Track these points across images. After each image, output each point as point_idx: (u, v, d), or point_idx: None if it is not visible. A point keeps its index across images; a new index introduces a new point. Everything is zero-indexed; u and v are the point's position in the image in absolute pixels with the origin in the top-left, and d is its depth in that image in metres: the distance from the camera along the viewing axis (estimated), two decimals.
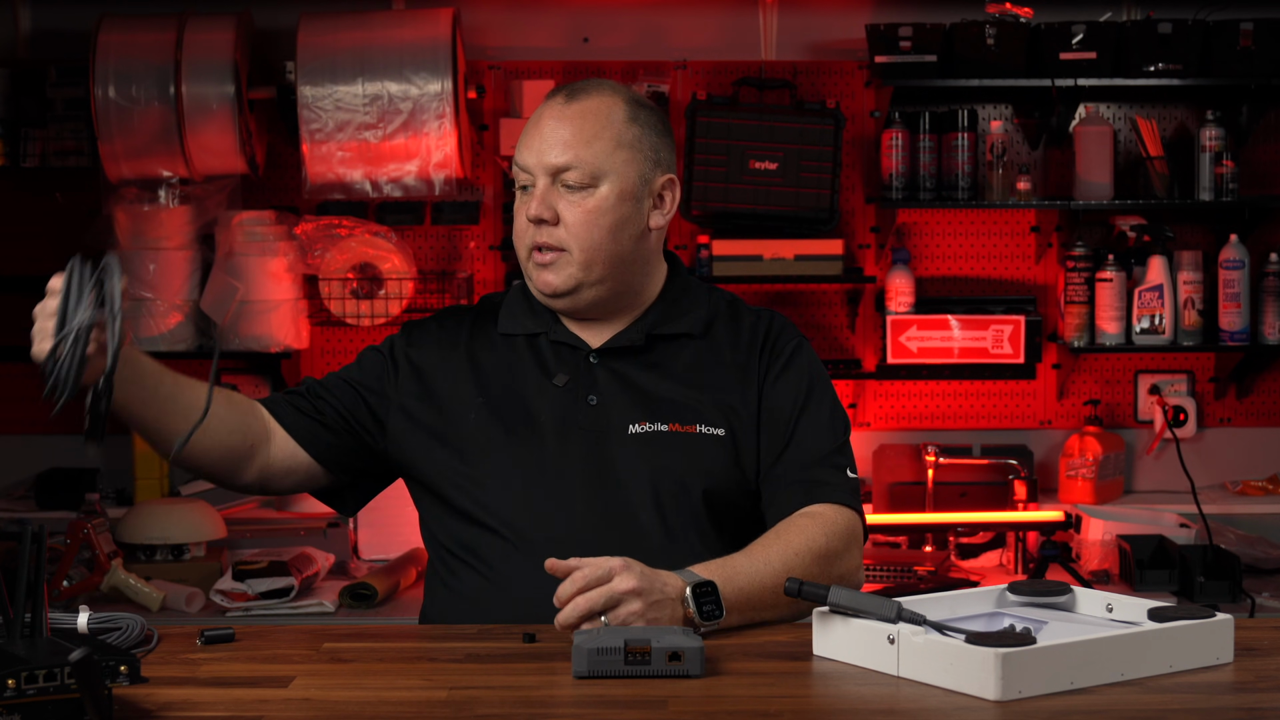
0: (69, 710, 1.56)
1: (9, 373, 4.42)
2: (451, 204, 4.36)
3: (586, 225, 2.19)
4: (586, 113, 2.21)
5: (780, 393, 2.24)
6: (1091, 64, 4.14)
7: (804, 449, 2.22)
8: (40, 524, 1.72)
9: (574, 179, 2.18)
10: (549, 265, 2.20)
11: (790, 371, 2.26)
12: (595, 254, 2.19)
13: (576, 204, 2.19)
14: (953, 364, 4.26)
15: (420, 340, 2.34)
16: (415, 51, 4.04)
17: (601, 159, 2.19)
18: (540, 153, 2.20)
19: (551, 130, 2.20)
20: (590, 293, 2.22)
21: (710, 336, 2.28)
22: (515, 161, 2.23)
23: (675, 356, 2.25)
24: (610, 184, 2.20)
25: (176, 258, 4.19)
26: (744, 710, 1.66)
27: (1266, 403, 4.48)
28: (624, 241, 2.22)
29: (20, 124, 4.28)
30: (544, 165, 2.19)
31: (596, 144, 2.19)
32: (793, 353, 2.27)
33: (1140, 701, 1.66)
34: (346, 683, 1.79)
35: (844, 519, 2.18)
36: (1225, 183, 4.19)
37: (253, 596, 3.60)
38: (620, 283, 2.24)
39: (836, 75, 4.39)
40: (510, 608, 2.11)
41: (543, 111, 2.24)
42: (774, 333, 2.29)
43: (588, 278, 2.20)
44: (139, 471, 4.23)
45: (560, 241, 2.19)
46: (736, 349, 2.27)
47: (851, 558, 2.18)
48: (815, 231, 4.20)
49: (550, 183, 2.19)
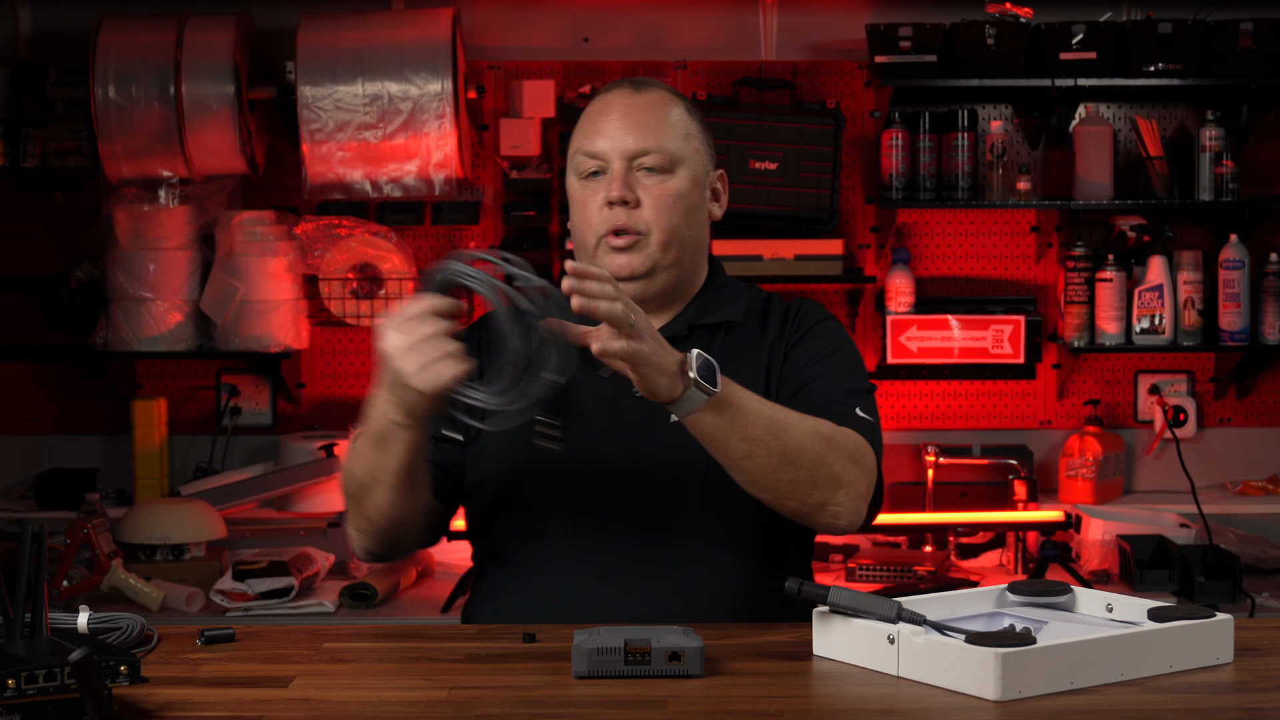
0: (69, 710, 1.56)
1: (9, 373, 4.42)
2: (451, 204, 4.35)
3: (667, 208, 2.21)
4: (657, 103, 2.24)
5: (801, 349, 2.26)
6: (1091, 64, 4.14)
7: (819, 388, 2.20)
8: (40, 524, 1.72)
9: (653, 162, 2.21)
10: (627, 248, 2.20)
11: (812, 334, 2.28)
12: (673, 237, 2.22)
13: (655, 187, 2.21)
14: (953, 364, 4.26)
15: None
16: (415, 51, 4.04)
17: (677, 145, 2.23)
18: (616, 138, 2.21)
19: (626, 116, 2.22)
20: (662, 277, 2.23)
21: (747, 325, 2.30)
22: (582, 150, 2.23)
23: (713, 344, 2.26)
24: (685, 170, 2.23)
25: (176, 258, 4.19)
26: (744, 710, 1.66)
27: (1266, 403, 4.48)
28: (695, 228, 2.26)
29: (20, 124, 4.29)
30: (622, 150, 2.21)
31: (673, 131, 2.23)
32: (816, 322, 2.30)
33: (1140, 701, 1.66)
34: (346, 683, 1.79)
35: (854, 437, 2.11)
36: (1225, 183, 4.19)
37: (253, 596, 3.60)
38: (684, 270, 2.26)
39: (836, 75, 4.39)
40: (565, 594, 2.12)
41: (609, 100, 2.25)
42: (803, 310, 2.32)
43: (663, 261, 2.22)
44: (139, 471, 4.24)
45: (640, 224, 2.20)
46: (767, 333, 2.29)
47: (856, 466, 2.08)
48: (815, 231, 4.20)
49: (627, 167, 2.21)
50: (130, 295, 4.16)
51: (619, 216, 2.20)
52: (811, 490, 2.05)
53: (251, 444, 4.43)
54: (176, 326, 4.20)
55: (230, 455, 4.40)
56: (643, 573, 2.13)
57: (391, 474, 2.04)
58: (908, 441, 4.36)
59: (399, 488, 2.06)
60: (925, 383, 4.44)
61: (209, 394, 4.42)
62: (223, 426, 4.38)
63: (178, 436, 4.39)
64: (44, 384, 4.42)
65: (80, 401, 4.42)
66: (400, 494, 2.07)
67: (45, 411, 4.43)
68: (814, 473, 2.04)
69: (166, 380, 4.42)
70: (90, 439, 4.41)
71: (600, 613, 2.07)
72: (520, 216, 4.30)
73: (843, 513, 2.08)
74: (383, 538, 2.15)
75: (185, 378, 4.42)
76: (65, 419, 4.43)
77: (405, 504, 2.10)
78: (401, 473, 2.04)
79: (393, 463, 2.03)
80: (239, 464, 4.38)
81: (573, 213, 2.27)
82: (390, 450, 2.02)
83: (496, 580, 2.23)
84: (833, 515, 2.08)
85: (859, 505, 2.10)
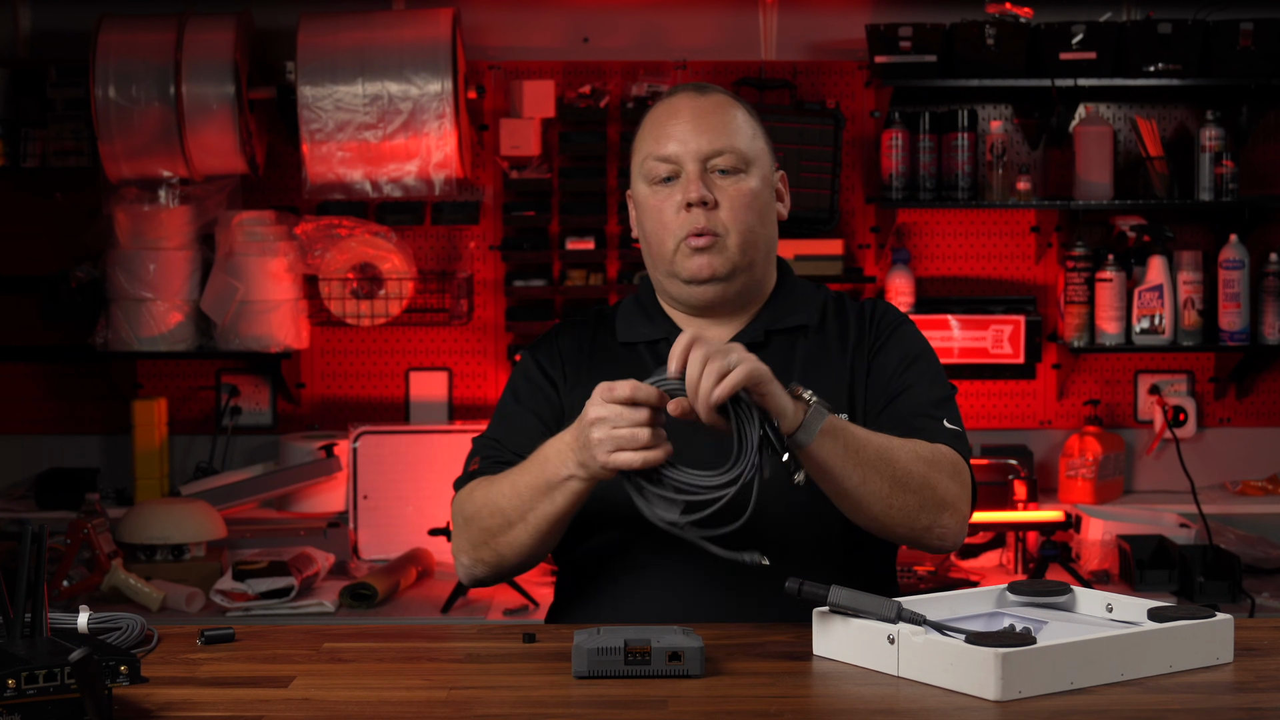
0: (69, 710, 1.56)
1: (9, 373, 4.42)
2: (451, 204, 4.35)
3: (745, 208, 2.20)
4: (724, 105, 2.24)
5: (886, 357, 2.25)
6: (1091, 64, 4.14)
7: (906, 399, 2.20)
8: (40, 524, 1.72)
9: (727, 164, 2.20)
10: (708, 249, 2.19)
11: (894, 340, 2.27)
12: (751, 237, 2.21)
13: (731, 188, 2.20)
14: (953, 364, 4.26)
15: (550, 356, 2.30)
16: (415, 51, 4.05)
17: (748, 145, 2.22)
18: (688, 140, 2.20)
19: (696, 119, 2.21)
20: (740, 279, 2.22)
21: (824, 328, 2.29)
22: (654, 155, 2.21)
23: (792, 349, 2.26)
24: (756, 170, 2.23)
25: (176, 258, 4.19)
26: (744, 710, 1.66)
27: (1266, 403, 4.48)
28: (769, 227, 2.26)
29: (20, 124, 4.29)
30: (695, 152, 2.19)
31: (743, 132, 2.23)
32: (897, 325, 2.29)
33: (1140, 701, 1.66)
34: (346, 683, 1.79)
35: (950, 453, 2.13)
36: (1225, 183, 4.19)
37: (253, 596, 3.60)
38: (759, 272, 2.26)
39: (836, 75, 4.39)
40: (647, 604, 2.12)
41: (676, 105, 2.24)
42: (879, 312, 2.31)
43: (742, 262, 2.21)
44: (139, 471, 4.24)
45: (718, 225, 2.19)
46: (845, 336, 2.28)
47: (957, 485, 2.10)
48: (815, 231, 4.20)
49: (702, 169, 2.20)
50: (130, 295, 4.16)
51: (698, 218, 2.18)
52: (920, 513, 2.06)
53: (251, 444, 4.43)
54: (176, 326, 4.20)
55: (230, 455, 4.40)
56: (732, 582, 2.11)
57: (548, 519, 2.04)
58: None
59: (547, 532, 2.06)
60: None
61: (209, 394, 4.42)
62: (223, 426, 4.38)
63: (178, 436, 4.39)
64: (44, 384, 4.42)
65: (80, 401, 4.42)
66: (546, 537, 2.07)
67: (45, 411, 4.43)
68: (922, 496, 2.05)
69: (166, 380, 4.42)
70: (90, 439, 4.41)
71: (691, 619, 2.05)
72: (520, 216, 4.30)
73: (949, 533, 2.10)
74: (505, 571, 2.14)
75: (185, 378, 4.42)
76: (65, 419, 4.43)
77: (545, 547, 2.10)
78: (557, 520, 2.04)
79: (554, 510, 2.02)
80: (239, 464, 4.38)
81: (644, 220, 2.24)
82: (555, 498, 2.01)
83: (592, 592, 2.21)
84: (939, 537, 2.10)
85: (962, 524, 2.12)
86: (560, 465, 1.99)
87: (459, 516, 2.15)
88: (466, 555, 2.14)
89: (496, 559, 2.12)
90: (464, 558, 2.15)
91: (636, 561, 2.16)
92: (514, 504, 2.06)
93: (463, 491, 2.17)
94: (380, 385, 4.42)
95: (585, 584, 2.23)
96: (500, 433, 2.25)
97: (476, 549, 2.12)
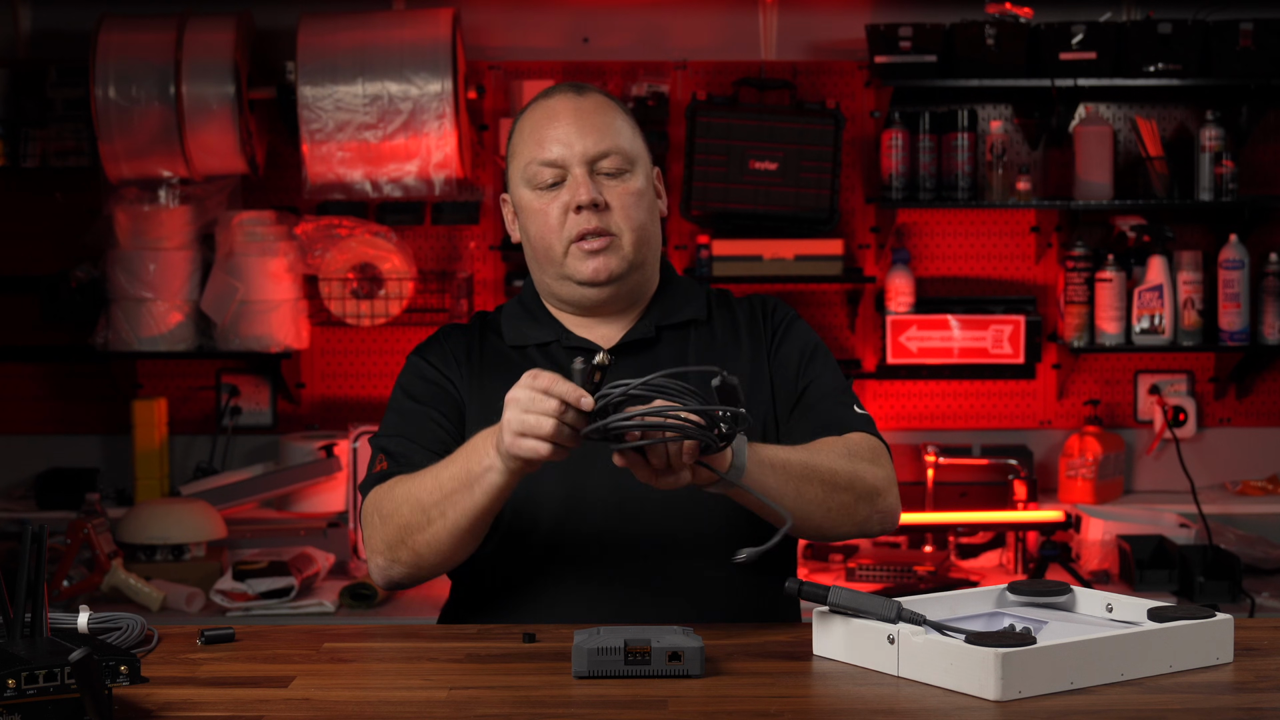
0: (69, 710, 1.56)
1: (9, 373, 4.42)
2: (451, 204, 4.35)
3: (634, 208, 2.19)
4: (603, 105, 2.23)
5: (785, 352, 2.26)
6: (1091, 64, 4.14)
7: (813, 391, 2.22)
8: (40, 524, 1.72)
9: (613, 165, 2.19)
10: (601, 251, 2.18)
11: (790, 335, 2.28)
12: (642, 235, 2.21)
13: (618, 188, 2.19)
14: (953, 364, 4.26)
15: (442, 357, 2.27)
16: (415, 51, 4.05)
17: (631, 144, 2.22)
18: (572, 143, 2.18)
19: (578, 120, 2.20)
20: (634, 278, 2.22)
21: (711, 322, 2.29)
22: (536, 160, 2.20)
23: (685, 343, 2.26)
24: (641, 168, 2.23)
25: (176, 258, 4.19)
26: (744, 710, 1.66)
27: (1266, 403, 4.48)
28: (657, 225, 2.26)
29: (20, 124, 4.29)
30: (580, 154, 2.18)
31: (624, 131, 2.22)
32: (790, 321, 2.30)
33: (1140, 701, 1.66)
34: (346, 683, 1.79)
35: (865, 439, 2.16)
36: (1225, 183, 4.19)
37: (253, 596, 3.60)
38: (649, 269, 2.26)
39: (836, 75, 4.39)
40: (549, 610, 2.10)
41: (555, 107, 2.22)
42: (769, 308, 2.32)
43: (636, 260, 2.21)
44: (139, 471, 4.24)
45: (610, 226, 2.18)
46: (737, 329, 2.29)
47: (881, 468, 2.13)
48: (815, 231, 4.20)
49: (588, 171, 2.19)
50: (130, 295, 4.16)
51: (589, 220, 2.17)
52: (857, 507, 2.08)
53: (251, 444, 4.43)
54: (176, 326, 4.20)
55: (230, 455, 4.40)
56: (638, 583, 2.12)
57: (467, 516, 2.00)
58: (908, 441, 4.36)
59: (466, 530, 2.02)
60: (925, 383, 4.44)
61: (209, 394, 4.42)
62: (223, 426, 4.38)
63: (178, 436, 4.39)
64: (44, 384, 4.43)
65: (80, 401, 4.42)
66: (465, 536, 2.03)
67: (45, 411, 4.43)
68: (855, 491, 2.07)
69: (166, 380, 4.42)
70: (90, 439, 4.41)
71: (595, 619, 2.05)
72: None
73: (887, 516, 2.13)
74: (423, 572, 2.10)
75: (185, 378, 4.43)
76: (65, 419, 4.43)
77: (464, 547, 2.06)
78: (477, 517, 2.01)
79: (473, 505, 1.99)
80: (239, 464, 4.38)
81: (529, 225, 2.23)
82: (474, 493, 1.98)
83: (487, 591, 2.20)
84: (880, 523, 2.13)
85: (896, 502, 2.15)
86: (482, 455, 1.96)
87: (375, 515, 2.11)
88: (382, 556, 2.09)
89: (414, 559, 2.07)
90: (379, 559, 2.10)
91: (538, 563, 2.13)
92: (435, 498, 2.02)
93: (380, 489, 2.12)
94: (380, 385, 4.42)
95: (482, 585, 2.20)
96: (405, 430, 2.20)
97: (393, 548, 2.08)
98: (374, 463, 2.19)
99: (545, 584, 2.15)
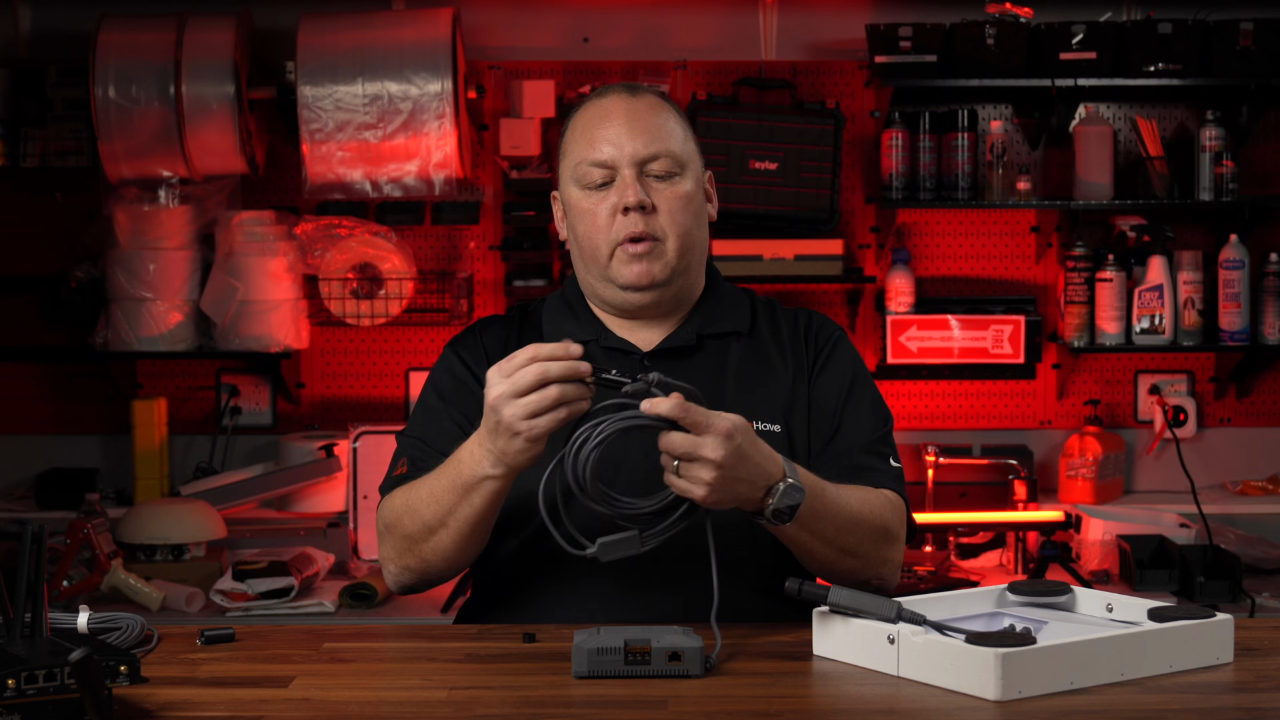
0: (69, 710, 1.56)
1: (9, 373, 4.42)
2: (451, 204, 4.35)
3: (681, 212, 2.18)
4: (656, 107, 2.22)
5: (826, 383, 2.25)
6: (1091, 64, 4.14)
7: (849, 436, 2.22)
8: (40, 524, 1.72)
9: (662, 168, 2.18)
10: (645, 255, 2.17)
11: (834, 363, 2.26)
12: (688, 240, 2.20)
13: (666, 191, 2.18)
14: (953, 364, 4.26)
15: (474, 353, 2.27)
16: (415, 51, 4.04)
17: (682, 148, 2.21)
18: (623, 144, 2.17)
19: (629, 122, 2.19)
20: (677, 283, 2.21)
21: (755, 335, 2.28)
22: (587, 160, 2.18)
23: (725, 355, 2.25)
24: (691, 172, 2.22)
25: (176, 258, 4.19)
26: (744, 710, 1.66)
27: (1266, 403, 4.48)
28: (703, 230, 2.25)
29: (20, 124, 4.29)
30: (630, 156, 2.17)
31: (676, 135, 2.21)
32: (835, 345, 2.28)
33: (1140, 701, 1.66)
34: (346, 683, 1.79)
35: (894, 502, 2.17)
36: (1225, 183, 4.19)
37: (253, 596, 3.60)
38: (694, 275, 2.25)
39: (836, 75, 4.39)
40: (574, 612, 2.09)
41: (608, 107, 2.21)
42: (814, 326, 2.30)
43: (680, 266, 2.19)
44: (139, 471, 4.24)
45: (656, 230, 2.17)
46: (781, 345, 2.27)
47: (900, 543, 2.17)
48: (815, 231, 4.20)
49: (638, 173, 2.18)
50: (130, 295, 4.16)
51: (635, 223, 2.16)
52: (863, 569, 2.10)
53: (251, 444, 4.43)
54: (176, 326, 4.20)
55: (230, 455, 4.40)
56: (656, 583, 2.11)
57: (468, 522, 2.01)
58: (908, 441, 4.36)
59: (469, 535, 2.03)
60: (925, 383, 4.44)
61: (209, 394, 4.42)
62: (223, 426, 4.38)
63: (178, 436, 4.39)
64: (44, 384, 4.42)
65: (80, 401, 4.42)
66: (469, 540, 2.04)
67: (45, 411, 4.43)
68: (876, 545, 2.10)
69: (166, 380, 4.42)
70: (90, 439, 4.41)
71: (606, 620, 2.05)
72: (520, 216, 4.30)
73: (886, 580, 2.15)
74: (430, 578, 2.12)
75: (185, 378, 4.42)
76: (65, 419, 4.43)
77: (471, 550, 2.07)
78: (478, 521, 2.01)
79: (473, 512, 2.00)
80: (239, 464, 4.38)
81: (576, 224, 2.21)
82: (473, 500, 1.99)
83: (505, 590, 2.19)
84: (889, 575, 2.15)
85: (901, 554, 2.17)
86: (475, 465, 1.96)
87: (382, 525, 2.12)
88: (393, 564, 2.12)
89: (422, 566, 2.09)
90: (390, 566, 2.13)
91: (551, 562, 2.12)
92: (433, 510, 2.03)
93: (389, 498, 2.13)
94: (380, 385, 4.42)
95: (500, 585, 2.20)
96: (425, 431, 2.21)
97: (401, 556, 2.10)
98: (395, 464, 2.20)
99: (562, 582, 2.14)
